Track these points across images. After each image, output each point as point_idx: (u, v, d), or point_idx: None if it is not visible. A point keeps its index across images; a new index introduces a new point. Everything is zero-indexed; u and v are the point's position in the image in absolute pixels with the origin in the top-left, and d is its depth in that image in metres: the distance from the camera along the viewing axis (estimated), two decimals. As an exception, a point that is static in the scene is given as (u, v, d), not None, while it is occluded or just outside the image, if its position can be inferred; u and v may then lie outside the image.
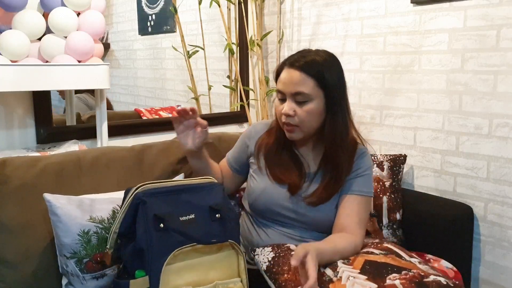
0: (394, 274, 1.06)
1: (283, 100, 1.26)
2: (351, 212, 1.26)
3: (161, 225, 1.05)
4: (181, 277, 1.07)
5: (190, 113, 1.27)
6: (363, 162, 1.32)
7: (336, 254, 1.14)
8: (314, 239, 1.28)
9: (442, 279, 1.06)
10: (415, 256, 1.20)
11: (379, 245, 1.24)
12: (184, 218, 1.10)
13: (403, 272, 1.07)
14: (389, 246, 1.23)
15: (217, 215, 1.14)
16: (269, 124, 1.42)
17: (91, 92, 1.89)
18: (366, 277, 1.05)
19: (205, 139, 1.32)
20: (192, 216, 1.11)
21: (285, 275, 1.08)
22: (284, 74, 1.26)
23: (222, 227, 1.14)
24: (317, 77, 1.23)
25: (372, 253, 1.17)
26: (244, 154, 1.43)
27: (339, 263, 1.12)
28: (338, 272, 1.07)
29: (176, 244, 1.06)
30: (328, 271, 1.08)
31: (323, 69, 1.23)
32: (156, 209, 1.07)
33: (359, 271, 1.08)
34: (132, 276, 1.04)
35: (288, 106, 1.24)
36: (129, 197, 1.09)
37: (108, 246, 1.11)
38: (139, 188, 1.11)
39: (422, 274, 1.07)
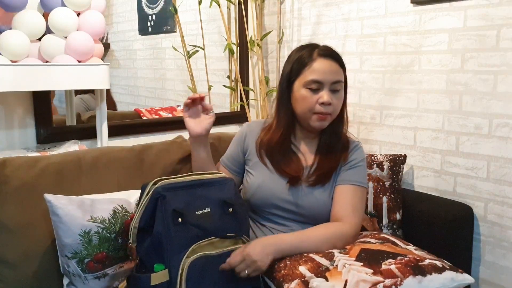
0: (389, 260, 1.08)
1: (316, 90, 1.28)
2: (344, 201, 1.29)
3: (180, 219, 1.07)
4: None
5: (199, 100, 1.36)
6: (357, 154, 1.36)
7: (308, 242, 1.18)
8: None
9: (438, 262, 1.09)
10: (411, 245, 1.21)
11: (376, 235, 1.27)
12: (200, 212, 1.13)
13: (399, 257, 1.09)
14: (386, 236, 1.26)
15: (229, 209, 1.17)
16: (261, 123, 1.47)
17: (92, 91, 1.88)
18: (361, 263, 1.07)
19: (212, 122, 1.39)
20: (208, 210, 1.14)
21: (282, 272, 1.10)
22: (321, 64, 1.28)
23: (235, 221, 1.17)
24: (344, 68, 1.33)
25: (368, 242, 1.20)
26: (241, 153, 1.45)
27: (336, 253, 1.13)
28: (335, 261, 1.09)
29: (194, 237, 1.09)
30: (324, 261, 1.10)
31: (344, 63, 1.34)
32: (174, 204, 1.09)
33: (355, 258, 1.09)
34: (150, 270, 1.05)
35: (328, 95, 1.27)
36: (147, 192, 1.11)
37: (131, 241, 1.12)
38: (158, 183, 1.12)
39: (418, 258, 1.10)
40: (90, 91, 1.92)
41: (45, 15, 1.43)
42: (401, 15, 1.76)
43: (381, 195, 1.63)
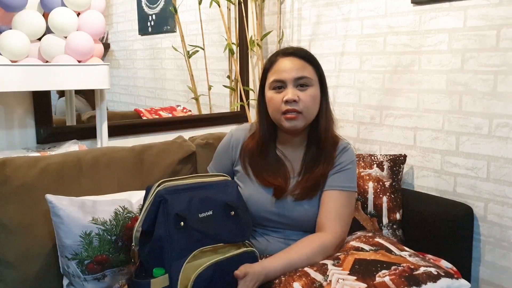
0: (383, 271, 1.07)
1: (280, 90, 1.26)
2: (328, 208, 1.25)
3: (182, 223, 1.07)
4: None
5: None
6: (345, 156, 1.31)
7: (291, 264, 1.13)
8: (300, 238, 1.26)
9: (433, 270, 1.08)
10: (406, 249, 1.20)
11: (370, 239, 1.24)
12: (202, 214, 1.11)
13: (393, 267, 1.09)
14: (380, 241, 1.24)
15: (231, 212, 1.16)
16: (247, 129, 1.41)
17: (80, 93, 1.87)
18: (355, 277, 1.06)
19: None
20: (210, 212, 1.13)
21: None
22: (282, 63, 1.27)
23: (238, 225, 1.16)
24: (314, 64, 1.29)
25: (362, 249, 1.19)
26: (228, 162, 1.41)
27: (329, 265, 1.12)
28: (328, 275, 1.08)
29: (195, 242, 1.08)
30: (318, 276, 1.08)
31: (316, 59, 1.30)
32: (177, 207, 1.08)
33: (348, 272, 1.08)
34: (150, 274, 1.04)
35: (292, 92, 1.23)
36: (151, 195, 1.10)
37: (133, 244, 1.12)
38: (161, 186, 1.12)
39: (412, 267, 1.09)
40: (77, 92, 1.88)
41: (45, 15, 1.43)
42: (401, 15, 1.76)
43: (381, 195, 1.63)
